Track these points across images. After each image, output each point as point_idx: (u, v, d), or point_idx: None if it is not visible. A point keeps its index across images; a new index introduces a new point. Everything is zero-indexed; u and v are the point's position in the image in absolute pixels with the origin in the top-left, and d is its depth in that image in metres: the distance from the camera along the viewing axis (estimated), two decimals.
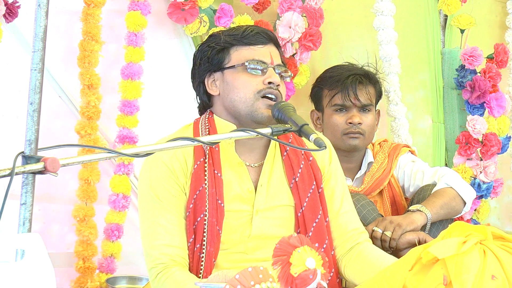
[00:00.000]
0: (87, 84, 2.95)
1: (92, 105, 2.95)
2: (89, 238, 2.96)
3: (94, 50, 2.95)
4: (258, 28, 2.29)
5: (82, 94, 2.97)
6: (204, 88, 2.29)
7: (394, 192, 2.94)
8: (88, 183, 2.97)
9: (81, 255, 2.97)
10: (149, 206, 2.20)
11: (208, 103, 2.31)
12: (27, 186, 1.55)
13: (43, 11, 1.62)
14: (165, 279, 2.09)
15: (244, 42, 2.24)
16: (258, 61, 2.22)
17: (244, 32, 2.25)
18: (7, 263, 1.38)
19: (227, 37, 2.26)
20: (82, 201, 2.98)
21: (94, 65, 2.96)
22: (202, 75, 2.28)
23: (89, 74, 2.95)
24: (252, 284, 1.38)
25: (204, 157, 2.21)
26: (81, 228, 2.96)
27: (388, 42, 3.42)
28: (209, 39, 2.33)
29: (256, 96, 2.18)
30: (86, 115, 2.95)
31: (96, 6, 2.95)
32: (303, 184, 2.28)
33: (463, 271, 1.55)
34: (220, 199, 2.19)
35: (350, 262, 2.29)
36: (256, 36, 2.25)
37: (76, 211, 2.97)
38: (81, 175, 2.97)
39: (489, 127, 3.49)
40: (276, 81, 2.20)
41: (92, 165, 2.98)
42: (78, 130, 2.96)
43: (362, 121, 2.84)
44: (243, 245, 2.23)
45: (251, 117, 2.19)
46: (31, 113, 1.59)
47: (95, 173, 2.98)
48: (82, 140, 2.95)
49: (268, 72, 2.21)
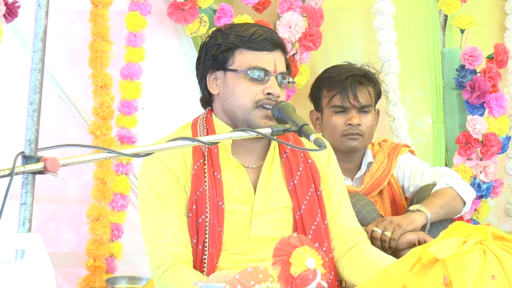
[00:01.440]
0: (101, 85, 2.96)
1: (106, 105, 2.96)
2: (102, 238, 2.97)
3: (105, 50, 2.96)
4: (266, 32, 2.24)
5: (94, 95, 2.98)
6: (205, 84, 2.29)
7: (394, 192, 2.93)
8: (104, 183, 2.98)
9: (93, 254, 2.98)
10: (150, 206, 2.19)
11: (209, 98, 2.31)
12: (27, 186, 1.54)
13: (43, 11, 1.62)
14: (171, 277, 2.09)
15: (250, 46, 2.21)
16: (260, 69, 2.19)
17: (252, 36, 2.21)
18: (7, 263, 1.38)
19: (234, 38, 2.22)
20: (97, 200, 2.98)
21: (106, 65, 2.98)
22: (205, 70, 2.27)
23: (102, 75, 2.96)
24: (252, 284, 1.38)
25: (203, 158, 2.20)
26: (95, 227, 2.97)
27: (388, 42, 3.42)
28: (217, 34, 2.28)
29: (254, 105, 2.17)
30: (100, 115, 2.96)
31: (104, 6, 2.95)
32: (302, 187, 2.28)
33: (463, 271, 1.55)
34: (221, 201, 2.19)
35: (349, 262, 2.29)
36: (263, 42, 2.21)
37: (91, 210, 2.97)
38: (97, 175, 2.98)
39: (489, 127, 3.49)
40: (275, 92, 2.18)
41: (107, 165, 2.99)
42: (93, 130, 2.97)
43: (361, 122, 2.84)
44: (242, 246, 2.23)
45: (248, 124, 2.18)
46: (31, 113, 1.59)
47: (110, 173, 2.99)
48: (97, 140, 2.96)
49: (270, 82, 2.19)
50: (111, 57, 2.98)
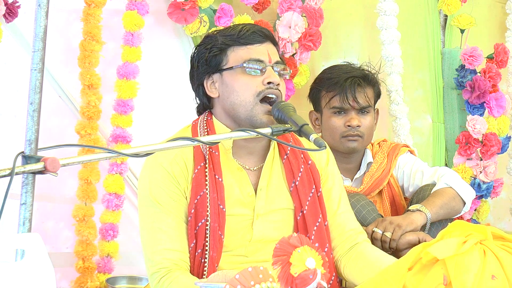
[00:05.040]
0: (87, 84, 2.95)
1: (92, 105, 2.95)
2: (88, 238, 2.96)
3: (95, 50, 2.95)
4: (254, 26, 2.27)
5: (82, 94, 2.97)
6: (203, 90, 2.28)
7: (394, 192, 2.93)
8: (88, 183, 2.97)
9: (81, 255, 2.97)
10: (149, 211, 2.19)
11: (208, 104, 2.31)
12: (27, 186, 1.55)
13: (43, 11, 1.62)
14: (169, 283, 2.09)
15: (241, 42, 2.22)
16: (256, 60, 2.19)
17: (240, 32, 2.23)
18: (7, 263, 1.38)
19: (224, 38, 2.23)
20: (81, 201, 2.97)
21: (94, 65, 2.96)
22: (201, 77, 2.27)
23: (89, 74, 2.95)
24: (252, 284, 1.38)
25: (204, 162, 2.20)
26: (81, 228, 2.96)
27: (391, 42, 3.42)
28: (205, 40, 2.31)
29: (256, 99, 2.17)
30: (86, 115, 2.95)
31: (97, 6, 2.95)
32: (304, 188, 2.27)
33: (463, 271, 1.55)
34: (222, 204, 2.18)
35: (350, 262, 2.29)
36: (253, 35, 2.22)
37: (76, 211, 2.96)
38: (81, 175, 2.97)
39: (489, 127, 3.49)
40: (275, 80, 2.18)
41: (92, 165, 2.97)
42: (78, 130, 2.96)
43: (361, 123, 2.83)
44: (244, 248, 2.23)
45: (250, 121, 2.18)
46: (31, 113, 1.59)
47: (95, 173, 2.98)
48: (82, 140, 2.95)
49: (267, 72, 2.19)
50: (100, 57, 2.98)
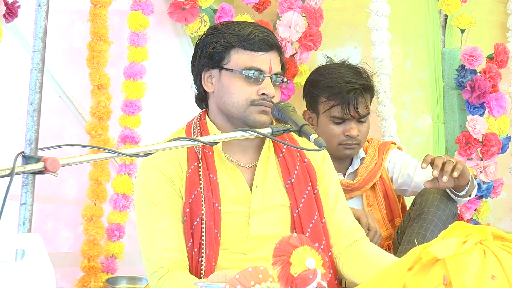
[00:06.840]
0: (97, 85, 2.95)
1: (102, 105, 2.96)
2: (95, 238, 2.96)
3: (103, 50, 2.96)
4: (263, 33, 2.25)
5: (92, 95, 2.97)
6: (200, 81, 2.29)
7: (386, 185, 2.95)
8: (98, 183, 2.97)
9: (87, 255, 2.97)
10: (145, 211, 2.20)
11: (204, 96, 2.31)
12: (27, 186, 1.55)
13: (43, 11, 1.62)
14: (168, 282, 2.09)
15: (246, 46, 2.22)
16: (256, 69, 2.20)
17: (248, 36, 2.22)
18: (7, 263, 1.38)
19: (231, 37, 2.23)
20: (91, 201, 2.98)
21: (103, 65, 2.97)
22: (201, 68, 2.28)
23: (99, 75, 2.96)
24: (252, 284, 1.38)
25: (198, 161, 2.21)
26: (89, 227, 2.96)
27: (381, 43, 3.40)
28: (213, 31, 2.29)
29: (249, 103, 2.19)
30: (96, 115, 2.95)
31: (103, 6, 2.95)
32: (299, 185, 2.29)
33: (463, 271, 1.55)
34: (217, 202, 2.19)
35: (349, 260, 2.29)
36: (259, 43, 2.22)
37: (85, 211, 2.97)
38: (91, 175, 2.98)
39: (489, 127, 3.48)
40: (270, 93, 2.19)
41: (102, 165, 2.98)
42: (88, 130, 2.96)
43: (360, 132, 2.83)
44: (241, 245, 2.24)
45: (243, 120, 2.20)
46: (31, 113, 1.60)
47: (105, 173, 2.98)
48: (93, 140, 2.95)
49: (264, 82, 2.20)
50: (108, 56, 2.98)
